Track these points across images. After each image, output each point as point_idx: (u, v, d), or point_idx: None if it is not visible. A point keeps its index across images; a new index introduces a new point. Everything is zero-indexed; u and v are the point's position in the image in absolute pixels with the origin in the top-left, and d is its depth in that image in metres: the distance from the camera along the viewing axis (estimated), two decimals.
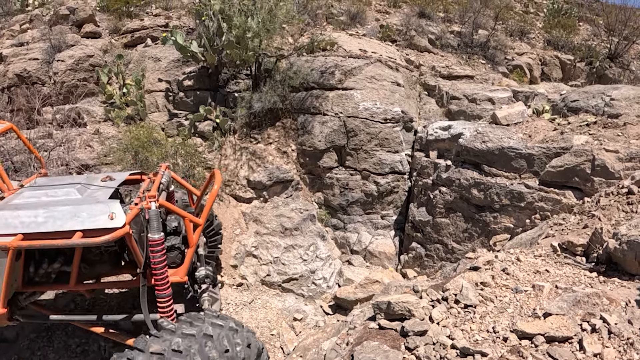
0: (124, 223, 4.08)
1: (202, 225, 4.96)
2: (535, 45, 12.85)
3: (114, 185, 5.08)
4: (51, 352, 5.82)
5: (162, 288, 4.43)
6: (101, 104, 9.13)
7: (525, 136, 6.33)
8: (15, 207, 4.45)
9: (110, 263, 5.05)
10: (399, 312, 3.47)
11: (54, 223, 4.13)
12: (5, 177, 5.13)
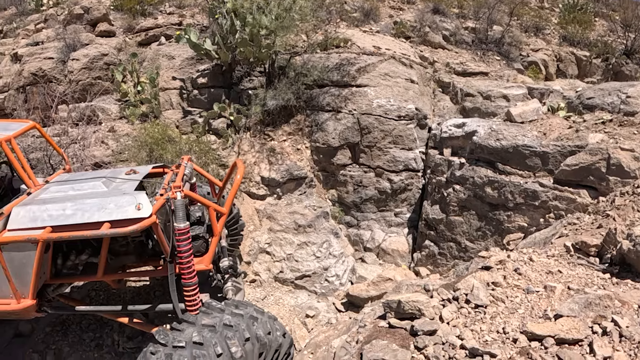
0: (150, 213, 4.18)
1: (226, 214, 5.03)
2: (550, 41, 12.70)
3: (139, 177, 5.16)
4: (66, 345, 5.89)
5: (188, 277, 4.50)
6: (116, 102, 9.22)
7: (540, 134, 6.27)
8: (43, 201, 4.56)
9: (136, 254, 5.15)
10: (409, 311, 3.47)
11: (82, 215, 4.24)
12: (31, 174, 5.24)
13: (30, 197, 4.82)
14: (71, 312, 5.14)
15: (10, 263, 4.29)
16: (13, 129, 5.27)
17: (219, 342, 3.90)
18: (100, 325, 6.14)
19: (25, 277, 4.36)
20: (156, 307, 4.94)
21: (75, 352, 5.80)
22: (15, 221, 4.35)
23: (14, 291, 4.41)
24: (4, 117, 9.09)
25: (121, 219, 4.17)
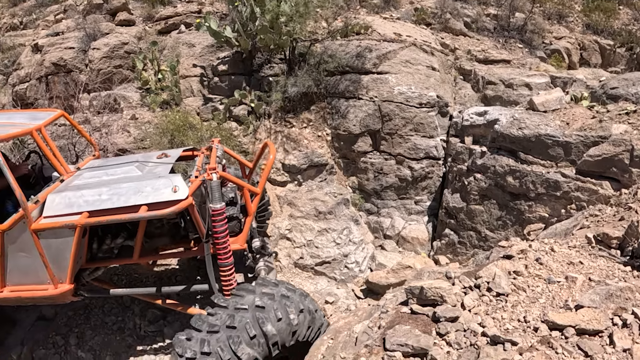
0: (187, 195, 4.30)
1: (260, 195, 5.14)
2: (573, 29, 12.48)
3: (171, 161, 5.29)
4: (88, 329, 6.05)
5: (224, 256, 4.65)
6: (137, 90, 9.34)
7: (563, 124, 6.23)
8: (78, 187, 4.70)
9: (169, 236, 5.29)
10: (431, 297, 3.50)
11: (119, 199, 4.37)
12: (63, 161, 5.36)
13: (63, 184, 4.94)
14: (105, 295, 5.28)
15: (48, 249, 4.43)
16: (42, 118, 5.37)
17: (279, 308, 4.25)
18: (122, 309, 6.30)
19: (63, 263, 4.49)
20: (190, 287, 5.09)
21: (97, 335, 5.97)
22: (51, 208, 4.48)
23: (51, 277, 4.56)
24: (25, 107, 9.27)
25: (158, 202, 4.30)
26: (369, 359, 3.36)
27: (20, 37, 11.89)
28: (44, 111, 6.11)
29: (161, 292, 5.14)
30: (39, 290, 4.67)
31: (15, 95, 9.67)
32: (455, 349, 3.08)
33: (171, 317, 6.18)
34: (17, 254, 4.53)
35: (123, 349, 5.85)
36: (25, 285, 4.69)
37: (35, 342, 5.91)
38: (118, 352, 5.81)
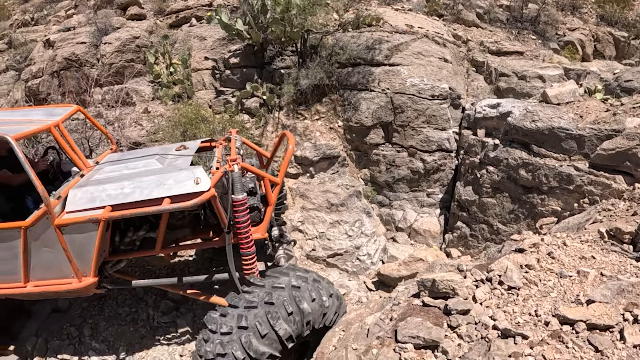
0: (209, 186, 4.36)
1: (280, 184, 5.20)
2: (587, 20, 12.32)
3: (191, 153, 5.34)
4: (102, 320, 6.12)
5: (246, 246, 4.71)
6: (149, 84, 9.42)
7: (577, 116, 6.19)
8: (99, 181, 4.75)
9: (190, 227, 5.37)
10: (443, 290, 3.54)
11: (141, 192, 4.43)
12: (82, 156, 5.41)
13: (84, 179, 4.99)
14: (128, 287, 5.36)
15: (71, 244, 4.50)
16: (59, 113, 5.42)
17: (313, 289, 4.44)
18: (136, 301, 6.37)
19: (87, 256, 4.56)
20: (212, 277, 5.16)
21: (111, 326, 6.04)
22: (73, 203, 4.53)
23: (75, 271, 4.62)
24: (39, 102, 9.38)
25: (181, 194, 4.36)
26: (380, 350, 3.40)
27: (32, 33, 12.03)
28: (61, 107, 6.16)
29: (182, 282, 5.19)
30: (63, 284, 4.73)
31: (28, 90, 9.79)
32: (466, 342, 3.11)
33: (184, 309, 6.26)
34: (41, 250, 4.59)
35: (136, 339, 5.92)
36: (48, 279, 4.76)
37: (49, 333, 5.99)
38: (131, 342, 5.88)
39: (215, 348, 4.21)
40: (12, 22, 13.33)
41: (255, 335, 4.20)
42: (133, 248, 5.21)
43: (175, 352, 5.70)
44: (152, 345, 5.83)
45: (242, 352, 4.16)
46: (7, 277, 4.74)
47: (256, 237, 4.95)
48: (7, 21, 13.60)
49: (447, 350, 3.07)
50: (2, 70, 11.18)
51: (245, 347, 4.15)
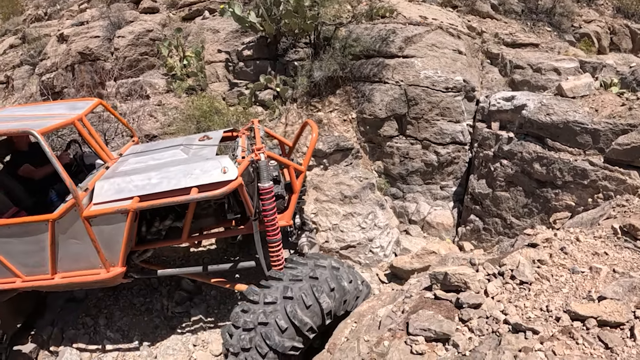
0: (237, 175, 4.43)
1: (305, 172, 5.29)
2: (603, 12, 12.10)
3: (215, 142, 5.42)
4: (117, 310, 6.24)
5: (272, 234, 4.79)
6: (163, 76, 9.48)
7: (592, 110, 6.13)
8: (125, 173, 4.83)
9: (215, 216, 5.46)
10: (455, 283, 3.55)
11: (169, 182, 4.51)
12: (106, 148, 5.51)
13: (109, 170, 5.08)
14: (153, 277, 5.45)
15: (100, 235, 4.59)
16: (81, 107, 5.50)
17: (349, 272, 4.65)
18: (150, 291, 6.49)
19: (115, 247, 4.67)
20: (237, 265, 5.28)
21: (126, 315, 6.16)
22: (100, 195, 4.62)
23: (103, 261, 4.73)
24: (53, 95, 9.52)
25: (208, 183, 4.44)
26: (392, 342, 3.44)
27: (45, 27, 12.14)
28: (82, 100, 6.24)
29: (207, 271, 5.29)
30: (91, 275, 4.84)
31: (42, 84, 9.91)
32: (477, 335, 3.13)
33: (197, 299, 6.35)
34: (68, 241, 4.69)
35: (150, 329, 6.03)
36: (76, 271, 4.87)
37: (65, 323, 6.12)
38: (146, 332, 5.99)
39: (257, 317, 4.34)
40: (26, 17, 13.46)
41: (300, 305, 4.35)
42: (159, 238, 5.30)
43: (188, 342, 5.81)
44: (166, 334, 5.94)
45: (286, 321, 4.30)
46: (34, 270, 4.85)
47: (281, 224, 5.01)
48: (20, 16, 13.73)
49: (457, 344, 3.10)
50: (17, 65, 11.32)
51: (290, 316, 4.30)
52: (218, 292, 6.45)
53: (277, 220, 4.80)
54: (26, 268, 4.86)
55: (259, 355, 4.26)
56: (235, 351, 4.33)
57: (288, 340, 4.31)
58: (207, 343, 5.78)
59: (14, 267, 4.84)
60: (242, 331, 4.38)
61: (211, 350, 5.68)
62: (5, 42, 12.46)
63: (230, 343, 4.41)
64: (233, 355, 4.35)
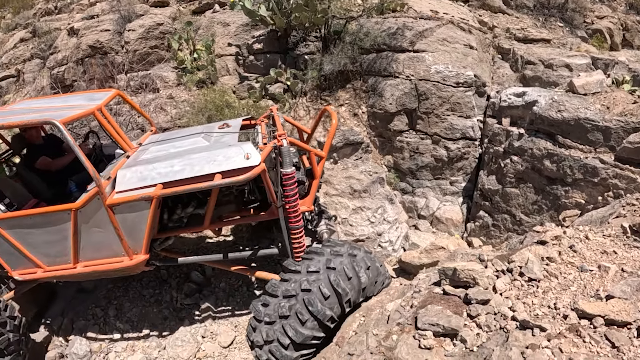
0: (260, 161, 4.46)
1: (325, 158, 5.31)
2: (616, 8, 12.00)
3: (236, 130, 5.43)
4: (126, 301, 6.29)
5: (294, 220, 4.81)
6: (173, 70, 9.54)
7: (603, 108, 6.10)
8: (147, 161, 4.86)
9: (235, 203, 5.50)
10: (463, 279, 3.59)
11: (192, 169, 4.54)
12: (126, 138, 5.50)
13: (131, 159, 5.10)
14: (174, 264, 5.50)
15: (123, 222, 4.63)
16: (99, 98, 5.53)
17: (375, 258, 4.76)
18: (160, 282, 6.53)
19: (139, 234, 4.71)
20: (257, 252, 5.31)
21: (135, 307, 6.21)
22: (123, 183, 4.65)
23: (126, 249, 4.77)
24: (64, 88, 9.62)
25: (232, 169, 4.46)
26: (400, 336, 3.49)
27: (56, 21, 12.23)
28: (100, 92, 6.28)
29: (228, 258, 5.32)
30: (114, 263, 4.89)
31: (53, 78, 9.99)
32: (484, 331, 3.17)
33: (207, 291, 6.40)
34: (91, 230, 4.73)
35: (160, 320, 6.08)
36: (98, 259, 4.92)
37: (75, 313, 6.18)
38: (155, 323, 6.04)
39: (300, 285, 4.47)
40: (36, 11, 13.56)
41: (342, 276, 4.49)
42: (180, 225, 5.34)
43: (197, 334, 5.85)
44: (175, 326, 5.99)
45: (329, 289, 4.43)
46: (56, 259, 4.91)
47: (303, 209, 5.04)
48: (30, 10, 13.83)
49: (465, 339, 3.14)
50: (27, 59, 11.44)
51: (334, 285, 4.44)
52: (227, 284, 6.50)
53: (298, 205, 4.82)
54: (47, 258, 4.91)
55: (299, 322, 4.38)
56: (271, 320, 4.46)
57: (329, 309, 4.44)
58: (216, 335, 5.83)
59: (35, 258, 4.89)
60: (281, 299, 4.51)
61: (219, 342, 5.72)
62: (15, 36, 12.59)
63: (265, 313, 4.53)
64: (267, 324, 4.47)
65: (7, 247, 4.86)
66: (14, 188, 5.44)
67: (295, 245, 4.90)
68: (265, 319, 4.50)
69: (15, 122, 4.77)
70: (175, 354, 5.60)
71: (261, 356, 4.54)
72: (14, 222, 4.73)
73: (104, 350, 5.77)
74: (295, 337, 4.36)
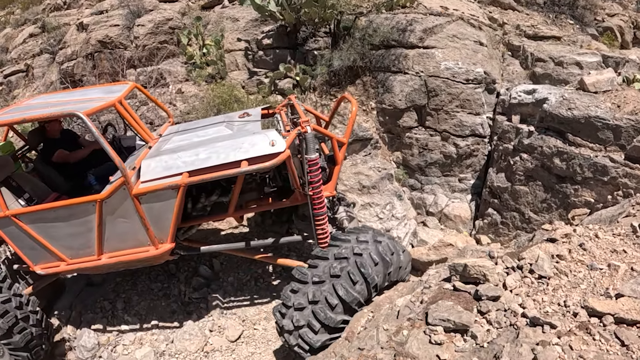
0: (285, 147, 4.52)
1: (346, 144, 5.36)
2: (627, 6, 11.91)
3: (258, 118, 5.51)
4: (135, 294, 6.37)
5: (318, 205, 4.86)
6: (182, 65, 9.57)
7: (614, 106, 6.08)
8: (172, 150, 4.90)
9: (257, 191, 5.55)
10: (474, 275, 3.61)
11: (218, 157, 4.59)
12: (146, 129, 5.58)
13: (153, 149, 5.16)
14: (197, 253, 5.56)
15: (149, 212, 4.69)
16: (118, 90, 5.59)
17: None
18: (168, 276, 6.60)
19: (165, 223, 4.77)
20: (279, 240, 5.40)
21: (143, 300, 6.28)
22: (148, 172, 4.70)
23: (152, 238, 4.82)
24: (73, 83, 9.68)
25: (258, 156, 4.53)
26: (411, 331, 3.51)
27: (65, 16, 12.30)
28: (117, 84, 6.32)
29: (250, 246, 5.38)
30: (140, 253, 4.95)
31: (62, 73, 10.05)
32: (495, 328, 3.20)
33: (215, 285, 6.46)
34: (116, 221, 4.78)
35: (168, 314, 6.15)
36: (123, 250, 4.98)
37: (83, 306, 6.26)
38: (163, 317, 6.12)
39: (353, 249, 4.63)
40: (45, 6, 13.64)
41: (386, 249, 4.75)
42: (204, 214, 5.40)
43: (205, 327, 5.91)
44: (183, 320, 6.06)
45: (378, 257, 4.64)
46: (79, 252, 4.97)
47: (326, 194, 5.09)
48: (39, 5, 13.91)
49: (476, 335, 3.16)
50: (37, 54, 11.52)
51: (383, 253, 4.67)
52: (235, 278, 6.55)
53: (322, 191, 4.85)
54: (71, 251, 4.97)
55: (350, 281, 4.49)
56: (321, 279, 4.54)
57: (376, 275, 4.59)
58: (224, 329, 5.88)
59: (58, 251, 4.94)
60: (334, 260, 4.61)
61: (227, 336, 5.78)
62: (25, 31, 12.65)
63: (313, 273, 4.61)
64: (316, 284, 4.55)
65: (28, 242, 4.90)
66: (33, 183, 5.51)
67: (319, 231, 4.95)
68: (314, 279, 4.58)
69: (40, 115, 4.78)
70: (182, 347, 5.66)
71: (291, 341, 4.61)
72: (36, 215, 4.77)
73: (111, 343, 5.85)
74: (326, 321, 4.45)
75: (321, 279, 4.55)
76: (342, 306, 4.49)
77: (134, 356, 5.68)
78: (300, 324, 4.50)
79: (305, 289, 4.60)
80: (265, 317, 5.99)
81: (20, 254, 5.04)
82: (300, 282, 4.67)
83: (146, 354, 5.65)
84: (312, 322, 4.47)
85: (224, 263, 6.74)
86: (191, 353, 5.61)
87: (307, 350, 4.51)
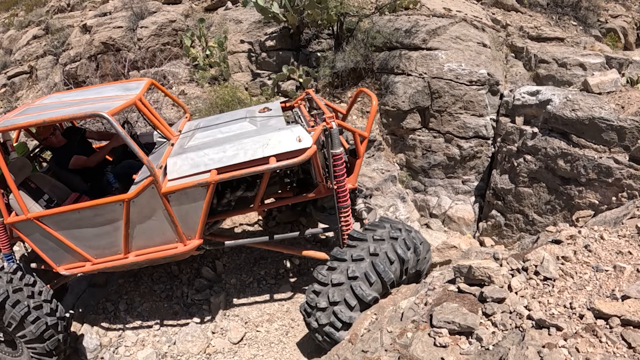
0: (312, 143, 4.53)
1: (367, 137, 5.38)
2: (630, 7, 11.89)
3: (279, 113, 5.49)
4: (137, 296, 6.34)
5: (342, 199, 4.88)
6: (185, 66, 9.58)
7: (618, 107, 6.07)
8: (197, 147, 4.88)
9: (279, 185, 5.58)
10: (479, 277, 3.59)
11: (246, 153, 4.59)
12: (167, 126, 5.52)
13: (176, 147, 5.13)
14: (221, 247, 5.55)
15: (178, 209, 4.68)
16: (135, 87, 5.53)
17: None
18: (170, 278, 6.56)
19: (194, 220, 4.77)
20: (304, 232, 5.44)
21: (146, 301, 6.25)
22: (175, 171, 4.69)
23: (180, 235, 4.81)
24: (77, 85, 9.71)
25: (285, 152, 4.54)
26: (415, 334, 3.48)
27: (69, 18, 12.34)
28: (133, 81, 6.25)
29: (274, 239, 5.38)
30: (168, 250, 4.95)
31: (66, 74, 10.07)
32: (500, 330, 3.17)
33: (217, 287, 6.42)
34: (143, 219, 4.77)
35: (170, 315, 6.12)
36: (150, 247, 4.98)
37: (86, 307, 6.24)
38: (165, 318, 6.09)
39: (389, 233, 4.65)
40: (49, 8, 13.69)
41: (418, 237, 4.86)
42: (229, 209, 5.41)
43: (207, 329, 5.87)
44: (186, 321, 6.02)
45: (410, 241, 4.68)
46: (105, 251, 4.97)
47: (349, 187, 5.09)
48: (43, 7, 13.97)
49: (481, 337, 3.13)
50: (40, 55, 11.56)
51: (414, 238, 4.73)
52: (237, 280, 6.53)
53: (346, 185, 4.87)
54: (97, 250, 4.96)
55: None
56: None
57: (410, 256, 4.65)
58: (226, 331, 5.85)
59: (83, 251, 4.93)
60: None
61: (229, 338, 5.75)
62: (28, 33, 12.73)
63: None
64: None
65: (51, 244, 4.88)
66: (52, 184, 5.46)
67: (344, 223, 4.98)
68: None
69: (60, 116, 4.66)
70: (185, 349, 5.64)
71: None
72: (60, 217, 4.74)
73: (114, 344, 5.82)
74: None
75: (399, 227, 4.70)
76: (413, 249, 4.66)
77: (136, 357, 5.66)
78: (376, 252, 4.55)
79: (384, 230, 4.70)
80: (267, 319, 5.96)
81: (42, 256, 5.01)
82: (377, 226, 4.77)
83: (148, 355, 5.62)
84: (389, 252, 4.55)
85: (227, 265, 6.72)
86: (193, 355, 5.59)
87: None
